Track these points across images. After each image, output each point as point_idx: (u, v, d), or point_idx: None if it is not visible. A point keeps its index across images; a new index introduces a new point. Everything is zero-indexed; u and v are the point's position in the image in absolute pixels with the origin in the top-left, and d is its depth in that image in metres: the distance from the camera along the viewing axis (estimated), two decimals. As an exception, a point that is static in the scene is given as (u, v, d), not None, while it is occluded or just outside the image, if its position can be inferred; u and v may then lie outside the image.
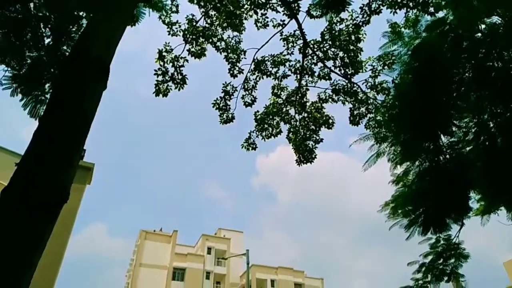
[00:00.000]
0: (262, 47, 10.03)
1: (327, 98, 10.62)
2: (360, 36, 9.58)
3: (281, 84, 10.75)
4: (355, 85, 10.16)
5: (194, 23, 9.76)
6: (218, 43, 10.04)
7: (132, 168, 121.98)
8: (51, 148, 2.73)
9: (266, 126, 10.70)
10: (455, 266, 8.25)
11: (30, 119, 4.73)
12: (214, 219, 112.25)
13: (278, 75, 10.47)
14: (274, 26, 9.80)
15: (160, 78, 9.39)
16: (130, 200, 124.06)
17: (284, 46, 10.14)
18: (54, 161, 2.66)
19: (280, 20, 9.74)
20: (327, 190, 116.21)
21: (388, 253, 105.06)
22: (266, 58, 10.28)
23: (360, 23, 8.80)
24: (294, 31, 9.89)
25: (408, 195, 6.65)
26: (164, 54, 9.41)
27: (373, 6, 8.35)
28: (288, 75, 10.50)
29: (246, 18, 9.91)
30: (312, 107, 10.76)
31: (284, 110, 10.86)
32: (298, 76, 10.42)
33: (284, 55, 10.29)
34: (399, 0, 7.84)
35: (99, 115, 3.29)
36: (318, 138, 10.61)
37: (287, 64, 10.38)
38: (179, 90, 9.49)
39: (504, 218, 6.58)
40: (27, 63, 4.96)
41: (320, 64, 10.18)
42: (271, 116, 10.73)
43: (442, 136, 5.95)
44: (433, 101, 5.40)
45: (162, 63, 9.41)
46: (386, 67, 9.63)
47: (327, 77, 10.26)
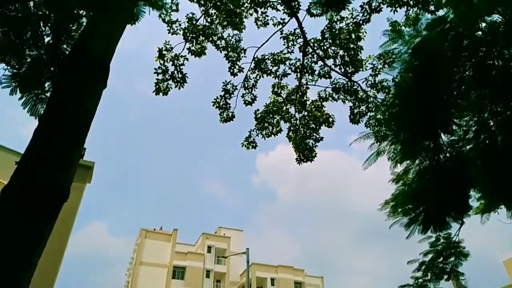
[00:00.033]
0: (262, 45, 10.03)
1: (327, 96, 10.61)
2: (360, 34, 9.56)
3: (281, 83, 10.75)
4: (355, 83, 10.16)
5: (194, 22, 9.75)
6: (218, 42, 10.03)
7: (132, 167, 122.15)
8: (51, 147, 2.73)
9: (266, 124, 10.70)
10: (455, 265, 8.27)
11: (30, 118, 4.74)
12: (214, 218, 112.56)
13: (278, 73, 10.47)
14: (274, 25, 9.79)
15: (160, 76, 9.39)
16: (130, 199, 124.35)
17: (284, 44, 10.13)
18: (54, 160, 2.67)
19: (280, 18, 9.73)
20: (327, 188, 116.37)
21: (388, 251, 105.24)
22: (266, 57, 10.28)
23: (361, 22, 8.78)
24: (294, 29, 9.89)
25: (408, 193, 6.65)
26: (164, 52, 9.41)
27: (373, 4, 8.33)
28: (288, 74, 10.50)
29: (246, 17, 9.91)
30: (312, 106, 10.76)
31: (284, 108, 10.86)
32: (298, 74, 10.41)
33: (284, 54, 10.28)
34: (399, -2, 7.83)
35: (99, 114, 3.30)
36: (318, 136, 10.62)
37: (287, 62, 10.38)
38: (179, 88, 9.48)
39: (504, 216, 6.59)
40: (27, 61, 4.95)
41: (320, 63, 10.17)
42: (271, 115, 10.73)
43: (442, 135, 5.95)
44: (433, 99, 5.40)
45: (162, 62, 9.41)
46: (386, 66, 9.62)
47: (327, 75, 10.25)
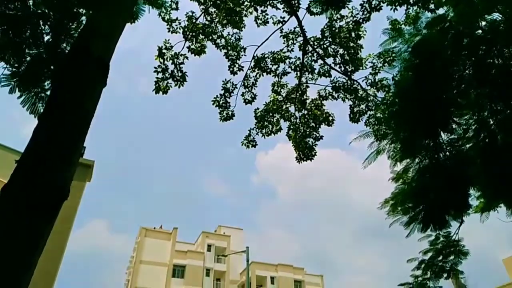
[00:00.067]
0: (262, 44, 10.03)
1: (327, 95, 10.60)
2: (360, 33, 9.56)
3: (281, 81, 10.73)
4: (355, 82, 10.15)
5: (194, 20, 9.74)
6: (218, 40, 10.02)
7: (132, 165, 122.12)
8: (51, 146, 2.72)
9: (266, 123, 10.70)
10: (454, 263, 8.29)
11: (30, 116, 4.73)
12: (214, 217, 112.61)
13: (278, 72, 10.46)
14: (274, 23, 9.78)
15: (160, 75, 9.38)
16: (130, 197, 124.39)
17: (284, 43, 10.13)
18: (54, 159, 2.66)
19: (280, 17, 9.73)
20: (327, 187, 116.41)
21: (388, 250, 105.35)
22: (266, 55, 10.27)
23: (361, 20, 8.78)
24: (294, 28, 9.87)
25: (408, 192, 6.65)
26: (164, 51, 9.40)
27: (373, 3, 8.32)
28: (288, 72, 10.49)
29: (246, 15, 9.90)
30: (312, 104, 10.75)
31: (284, 107, 10.85)
32: (298, 73, 10.40)
33: (284, 52, 10.27)
34: (399, -3, 7.82)
35: (99, 112, 3.29)
36: (318, 135, 10.61)
37: (287, 61, 10.37)
38: (179, 87, 9.48)
39: (504, 215, 6.59)
40: (27, 60, 4.94)
41: (320, 61, 10.16)
42: (271, 114, 10.72)
43: (442, 133, 5.95)
44: (433, 98, 5.39)
45: (162, 60, 9.40)
46: (386, 64, 9.61)
47: (327, 74, 10.24)
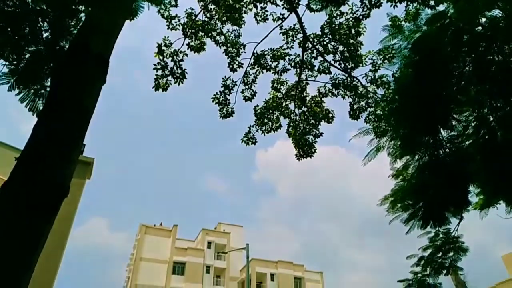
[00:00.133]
0: (262, 41, 10.00)
1: (327, 92, 10.59)
2: (360, 29, 9.53)
3: (280, 78, 10.71)
4: (355, 79, 10.13)
5: (194, 17, 9.70)
6: (218, 37, 9.99)
7: (132, 163, 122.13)
8: (51, 144, 2.72)
9: (266, 120, 10.68)
10: (454, 260, 8.29)
11: (30, 114, 4.71)
12: (214, 214, 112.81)
13: (277, 69, 10.43)
14: (274, 20, 9.75)
15: (159, 72, 9.36)
16: (130, 195, 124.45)
17: (283, 40, 10.09)
18: (54, 157, 2.66)
19: (280, 13, 9.70)
20: (327, 184, 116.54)
21: (388, 247, 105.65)
22: (266, 52, 10.24)
23: (360, 17, 8.76)
24: (294, 25, 9.85)
25: (408, 189, 6.65)
26: (164, 48, 9.37)
27: (373, -1, 8.30)
28: (288, 69, 10.46)
29: (245, 12, 9.86)
30: (312, 101, 10.73)
31: (284, 104, 10.84)
32: (298, 70, 10.38)
33: (284, 49, 10.24)
34: (399, -7, 7.80)
35: (98, 109, 3.29)
36: (318, 132, 10.60)
37: (286, 58, 10.34)
38: (178, 84, 9.45)
39: (503, 212, 6.60)
40: (26, 57, 4.92)
41: (320, 58, 10.14)
42: (270, 111, 10.71)
43: (442, 130, 5.94)
44: (433, 95, 5.38)
45: (161, 58, 9.37)
46: (386, 61, 9.60)
47: (327, 71, 10.23)
